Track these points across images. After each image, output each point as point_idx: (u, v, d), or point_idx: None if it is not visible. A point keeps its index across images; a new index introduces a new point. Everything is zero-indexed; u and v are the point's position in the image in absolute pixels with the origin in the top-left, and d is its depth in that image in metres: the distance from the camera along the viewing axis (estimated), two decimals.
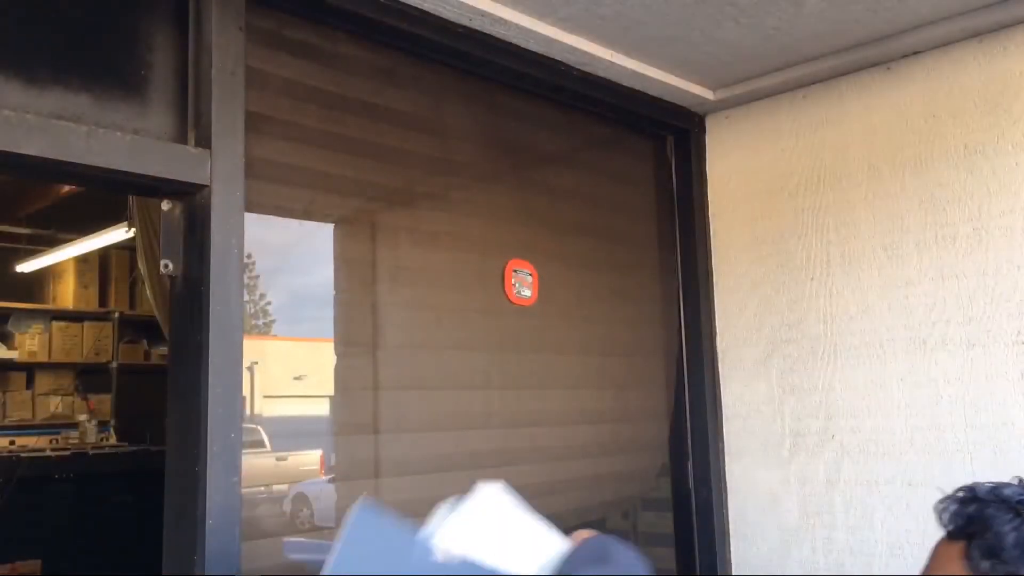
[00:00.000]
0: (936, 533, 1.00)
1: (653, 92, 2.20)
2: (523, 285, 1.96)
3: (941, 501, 0.99)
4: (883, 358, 2.03)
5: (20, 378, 6.08)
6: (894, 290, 2.02)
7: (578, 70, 2.01)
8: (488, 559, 0.99)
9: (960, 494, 0.98)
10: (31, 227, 5.92)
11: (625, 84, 2.12)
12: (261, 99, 1.53)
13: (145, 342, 6.49)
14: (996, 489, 0.97)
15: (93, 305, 6.30)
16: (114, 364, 6.30)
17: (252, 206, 1.46)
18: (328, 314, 1.64)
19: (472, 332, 1.90)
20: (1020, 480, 0.99)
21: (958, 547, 0.95)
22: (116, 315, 6.34)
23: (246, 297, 1.44)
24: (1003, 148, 1.88)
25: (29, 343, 5.99)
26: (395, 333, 1.75)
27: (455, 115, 1.90)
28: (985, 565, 0.92)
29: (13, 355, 5.87)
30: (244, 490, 1.39)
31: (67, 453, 5.44)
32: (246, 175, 1.42)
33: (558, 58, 1.95)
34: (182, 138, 1.41)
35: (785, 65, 2.11)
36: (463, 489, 1.03)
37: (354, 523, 0.94)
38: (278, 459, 1.80)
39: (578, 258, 1.91)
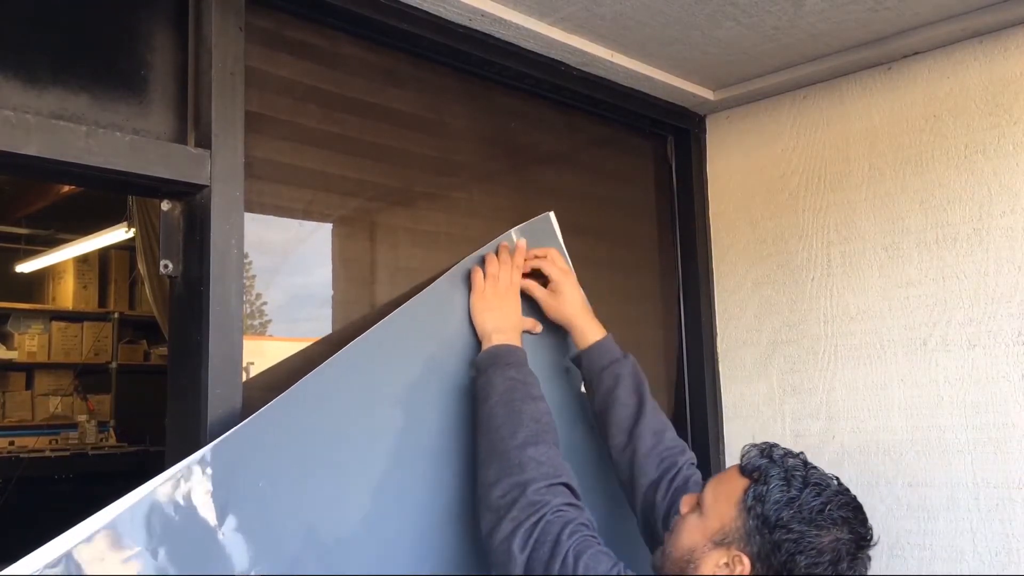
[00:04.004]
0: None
1: (653, 92, 2.20)
2: None
3: (750, 445, 1.33)
4: (884, 359, 2.03)
5: (20, 378, 6.09)
6: (895, 290, 2.02)
7: (578, 70, 2.01)
8: None
9: (763, 447, 1.31)
10: (31, 227, 5.92)
11: (625, 84, 2.12)
12: (261, 99, 1.53)
13: (145, 342, 6.49)
14: (785, 456, 1.29)
15: (93, 305, 6.30)
16: (114, 364, 6.31)
17: (252, 206, 1.46)
18: (328, 314, 1.64)
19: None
20: (803, 458, 1.31)
21: (743, 482, 1.28)
22: (116, 315, 6.34)
23: (246, 297, 1.44)
24: (1004, 148, 1.88)
25: (29, 343, 5.99)
26: None
27: (455, 115, 1.90)
28: (753, 504, 1.25)
29: (13, 355, 5.88)
30: None
31: (67, 453, 5.44)
32: (246, 175, 1.42)
33: (558, 58, 1.95)
34: (182, 138, 1.40)
35: (786, 65, 2.11)
36: None
37: None
38: None
39: (578, 258, 1.90)
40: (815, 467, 1.30)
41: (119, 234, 4.23)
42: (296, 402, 1.34)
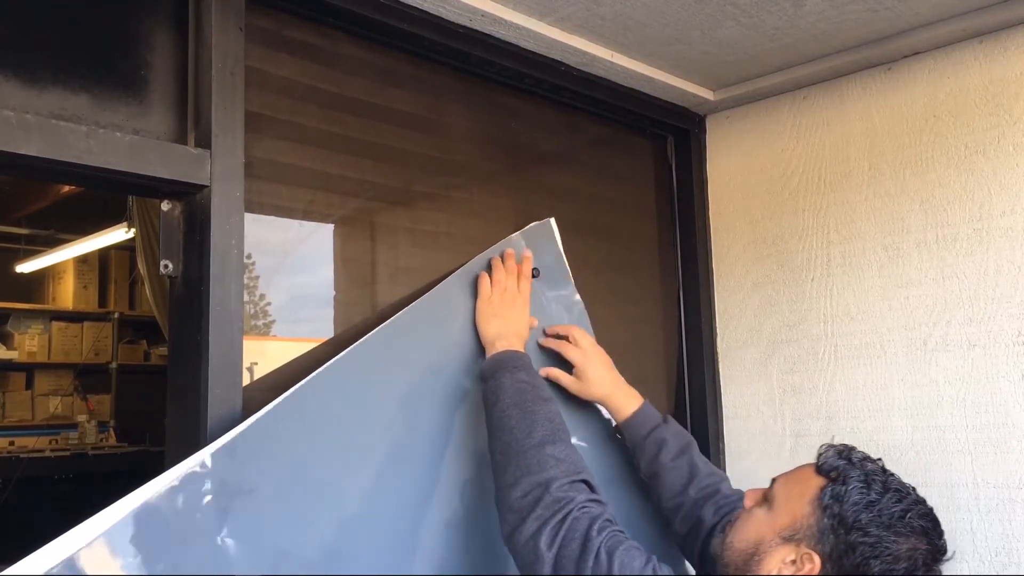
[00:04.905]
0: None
1: (653, 92, 2.20)
2: None
3: (826, 445, 1.31)
4: (884, 359, 2.03)
5: (20, 378, 6.08)
6: (895, 290, 2.02)
7: (578, 70, 2.01)
8: None
9: (840, 448, 1.30)
10: (31, 227, 5.92)
11: (625, 84, 2.12)
12: (261, 99, 1.53)
13: (145, 342, 6.48)
14: (864, 460, 1.28)
15: (93, 305, 6.30)
16: (114, 364, 6.30)
17: (252, 206, 1.46)
18: (328, 314, 1.64)
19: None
20: (882, 464, 1.30)
21: (819, 481, 1.27)
22: (116, 315, 6.34)
23: (246, 297, 1.44)
24: (1004, 148, 1.88)
25: (29, 343, 5.99)
26: None
27: (455, 115, 1.90)
28: (829, 503, 1.24)
29: (13, 355, 5.87)
30: None
31: (67, 453, 5.44)
32: (246, 175, 1.42)
33: (558, 58, 1.95)
34: (182, 138, 1.40)
35: (786, 65, 2.11)
36: None
37: None
38: None
39: (577, 258, 1.90)
40: (893, 473, 1.29)
41: (119, 234, 4.23)
42: (298, 405, 1.34)
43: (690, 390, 2.34)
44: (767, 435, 2.23)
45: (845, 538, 1.21)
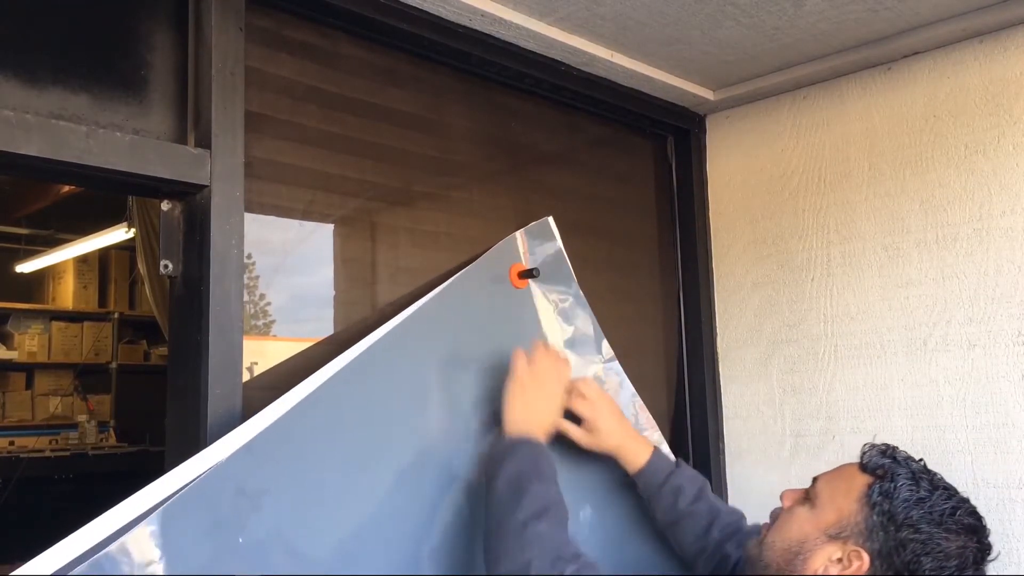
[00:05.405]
0: None
1: (653, 92, 2.20)
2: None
3: (869, 444, 1.32)
4: (884, 358, 2.03)
5: (20, 378, 6.08)
6: (895, 290, 2.02)
7: (578, 70, 2.01)
8: None
9: (883, 447, 1.30)
10: (31, 227, 5.92)
11: (625, 84, 2.12)
12: (261, 99, 1.53)
13: (145, 342, 6.48)
14: (908, 459, 1.28)
15: (93, 305, 6.30)
16: (114, 364, 6.30)
17: (252, 206, 1.46)
18: (328, 314, 1.64)
19: None
20: (925, 463, 1.30)
21: (865, 478, 1.27)
22: (116, 315, 6.34)
23: (246, 297, 1.44)
24: (1004, 148, 1.88)
25: (28, 343, 5.99)
26: None
27: (455, 115, 1.90)
28: (878, 500, 1.23)
29: (13, 355, 5.87)
30: None
31: (67, 453, 5.44)
32: (246, 175, 1.42)
33: (558, 58, 1.95)
34: (182, 138, 1.40)
35: (785, 65, 2.11)
36: None
37: None
38: None
39: (578, 258, 1.90)
40: (936, 472, 1.28)
41: (119, 234, 4.23)
42: (315, 407, 1.33)
43: (690, 390, 2.34)
44: (767, 435, 2.23)
45: (895, 535, 1.19)
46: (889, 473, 1.25)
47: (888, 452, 1.29)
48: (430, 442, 1.52)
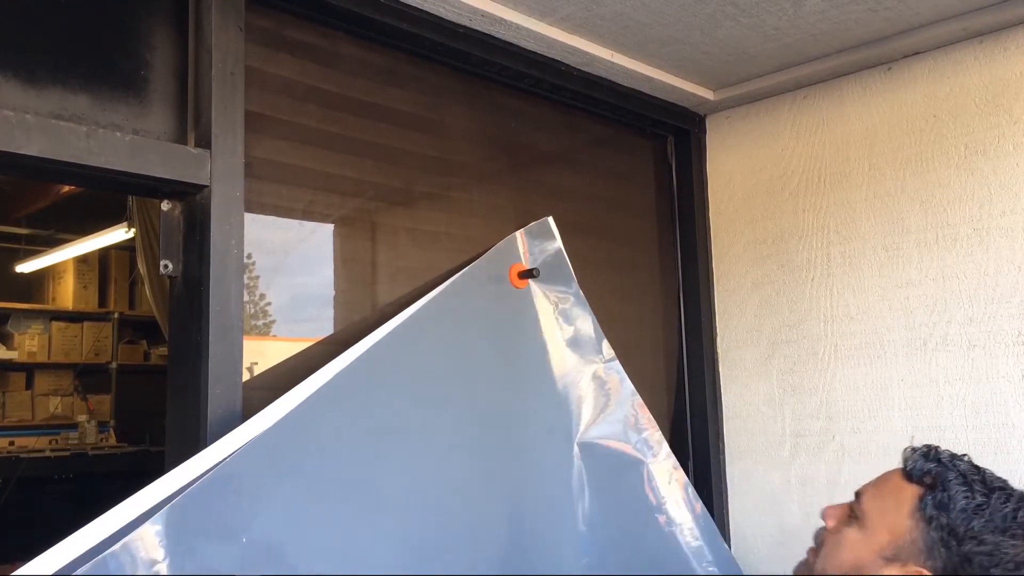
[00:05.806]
0: None
1: (653, 92, 2.20)
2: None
3: (910, 448, 1.22)
4: (884, 359, 2.03)
5: (19, 378, 6.08)
6: (895, 290, 2.02)
7: (578, 70, 2.01)
8: None
9: (924, 450, 1.20)
10: (31, 227, 5.91)
11: (625, 84, 2.12)
12: (261, 99, 1.53)
13: (145, 342, 6.48)
14: (953, 459, 1.18)
15: (93, 305, 6.29)
16: (114, 364, 6.30)
17: (252, 206, 1.46)
18: (328, 314, 1.64)
19: None
20: (970, 459, 1.20)
21: (913, 489, 1.16)
22: (116, 315, 6.33)
23: (246, 297, 1.44)
24: (1004, 148, 1.88)
25: (28, 343, 5.99)
26: None
27: (455, 115, 1.90)
28: (934, 514, 1.12)
29: (13, 355, 5.87)
30: None
31: (67, 454, 5.44)
32: (246, 175, 1.42)
33: (558, 58, 1.95)
34: (182, 138, 1.40)
35: (785, 65, 2.11)
36: None
37: None
38: None
39: (578, 258, 1.90)
40: (984, 468, 1.20)
41: (119, 234, 4.23)
42: (322, 405, 1.33)
43: (690, 390, 2.34)
44: (767, 435, 2.23)
45: (959, 550, 1.10)
46: (939, 480, 1.15)
47: (932, 455, 1.19)
48: (430, 442, 1.52)
